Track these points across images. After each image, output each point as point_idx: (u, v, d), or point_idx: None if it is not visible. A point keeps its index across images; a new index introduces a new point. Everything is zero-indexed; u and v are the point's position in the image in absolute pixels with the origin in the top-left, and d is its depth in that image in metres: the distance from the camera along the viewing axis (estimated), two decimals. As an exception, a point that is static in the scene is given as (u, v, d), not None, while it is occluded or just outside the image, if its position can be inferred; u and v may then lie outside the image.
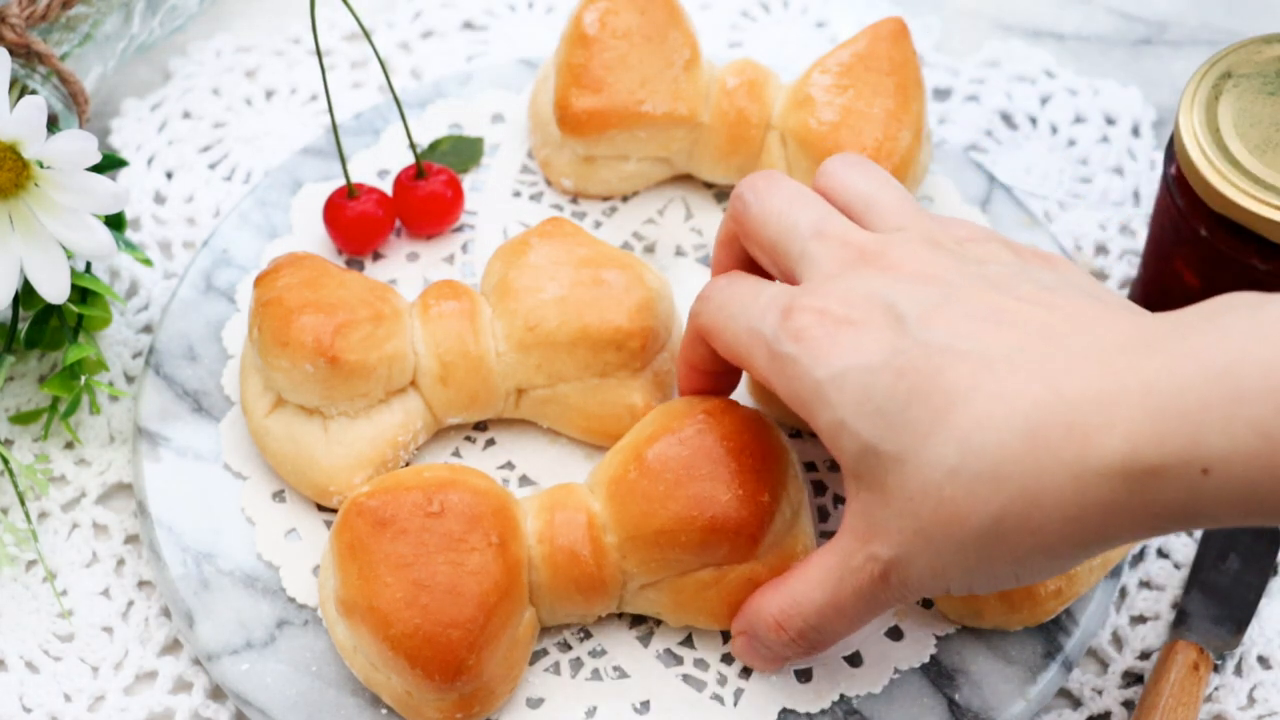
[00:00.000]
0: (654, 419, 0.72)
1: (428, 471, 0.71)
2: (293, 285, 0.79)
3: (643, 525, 0.68)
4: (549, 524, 0.70)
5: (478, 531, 0.68)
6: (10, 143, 0.76)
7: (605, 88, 0.87)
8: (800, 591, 0.67)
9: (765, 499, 0.69)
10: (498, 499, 0.69)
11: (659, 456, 0.69)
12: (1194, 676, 0.76)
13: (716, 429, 0.70)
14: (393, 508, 0.68)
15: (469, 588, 0.67)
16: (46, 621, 0.80)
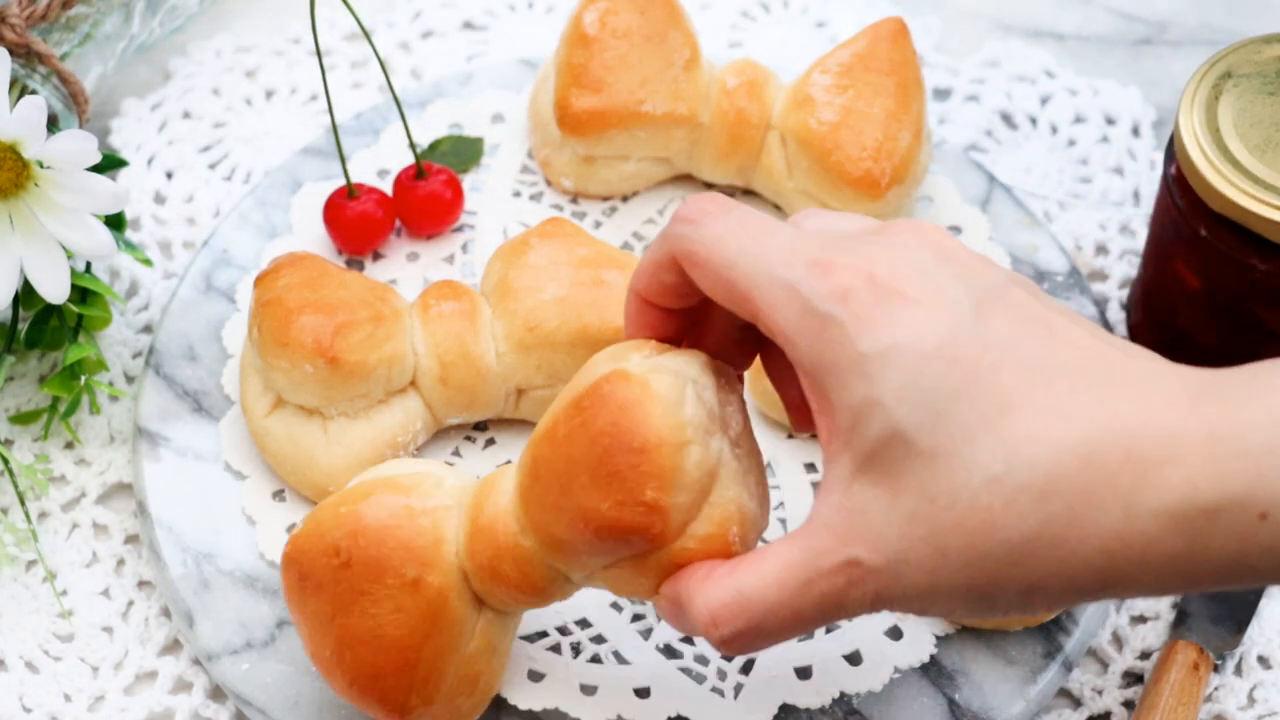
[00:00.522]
0: (576, 379, 0.64)
1: (344, 505, 0.67)
2: (293, 285, 0.79)
3: (547, 531, 0.63)
4: (469, 537, 0.66)
5: (386, 576, 0.65)
6: (10, 143, 0.76)
7: (605, 88, 0.87)
8: (750, 587, 0.59)
9: (649, 497, 0.60)
10: (405, 531, 0.65)
11: (543, 462, 0.62)
12: (1194, 676, 0.76)
13: (600, 417, 0.61)
14: (307, 562, 0.66)
15: (389, 635, 0.65)
16: (46, 621, 0.80)
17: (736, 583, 0.59)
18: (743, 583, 0.59)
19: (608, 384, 0.60)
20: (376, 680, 0.65)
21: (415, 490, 0.66)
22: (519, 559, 0.64)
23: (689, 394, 0.60)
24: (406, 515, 0.65)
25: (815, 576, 0.57)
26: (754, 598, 0.58)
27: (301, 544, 0.66)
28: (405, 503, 0.65)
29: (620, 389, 0.60)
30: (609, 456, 0.60)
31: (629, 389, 0.60)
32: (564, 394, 0.62)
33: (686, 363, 0.62)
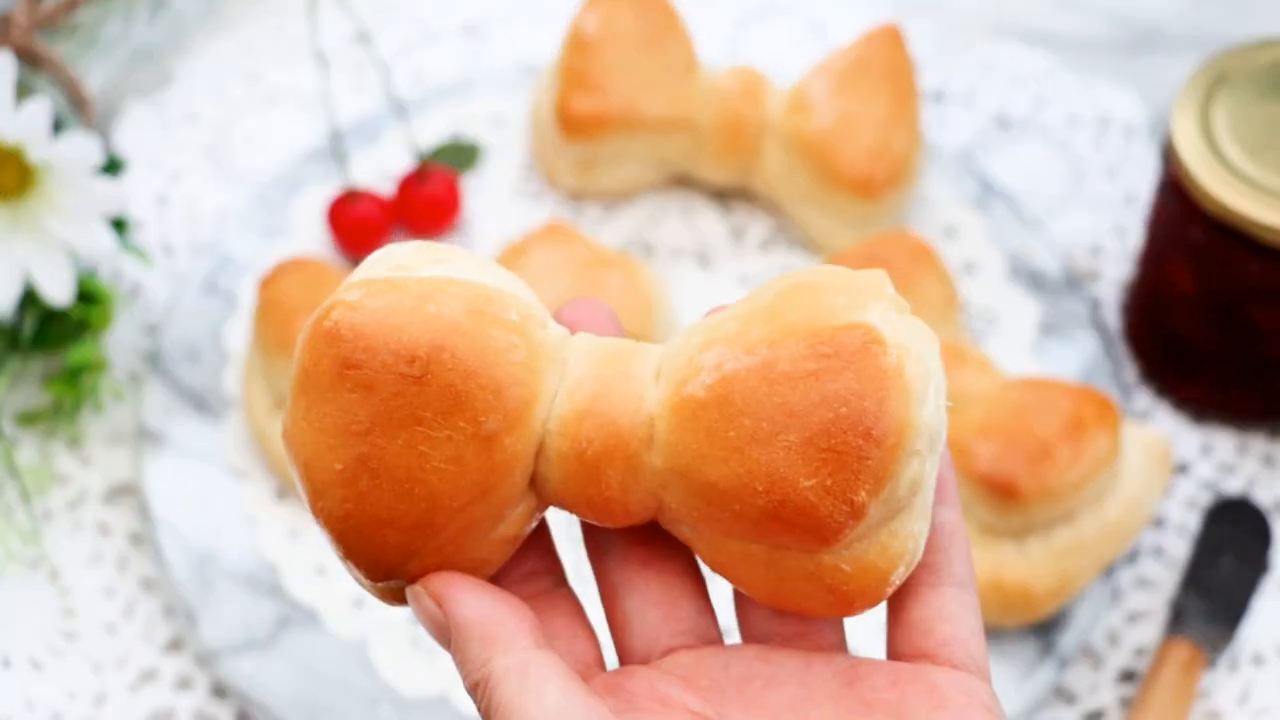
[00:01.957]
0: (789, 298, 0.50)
1: (433, 304, 0.50)
2: (295, 288, 0.80)
3: (693, 469, 0.49)
4: (581, 413, 0.50)
5: (460, 416, 0.49)
6: (15, 145, 0.77)
7: (604, 91, 0.87)
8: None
9: (860, 498, 0.49)
10: (502, 372, 0.49)
11: (746, 388, 0.48)
12: (1188, 674, 0.77)
13: (843, 377, 0.48)
14: (365, 352, 0.49)
15: (427, 484, 0.50)
16: (50, 620, 0.80)
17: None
18: None
19: (860, 339, 0.48)
20: (383, 527, 0.51)
21: (521, 326, 0.50)
22: (632, 471, 0.49)
23: (930, 393, 0.49)
24: (507, 353, 0.50)
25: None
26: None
27: (363, 327, 0.49)
28: (508, 338, 0.50)
29: (876, 355, 0.48)
30: (838, 429, 0.48)
31: (885, 359, 0.48)
32: (777, 309, 0.49)
33: (930, 345, 0.50)
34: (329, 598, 0.80)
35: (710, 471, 0.49)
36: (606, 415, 0.49)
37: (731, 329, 0.49)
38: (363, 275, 0.50)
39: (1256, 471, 0.85)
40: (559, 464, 0.50)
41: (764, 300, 0.49)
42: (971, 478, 0.76)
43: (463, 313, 0.49)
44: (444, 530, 0.50)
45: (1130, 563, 0.82)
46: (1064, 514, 0.77)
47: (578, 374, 0.50)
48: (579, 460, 0.49)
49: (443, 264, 0.50)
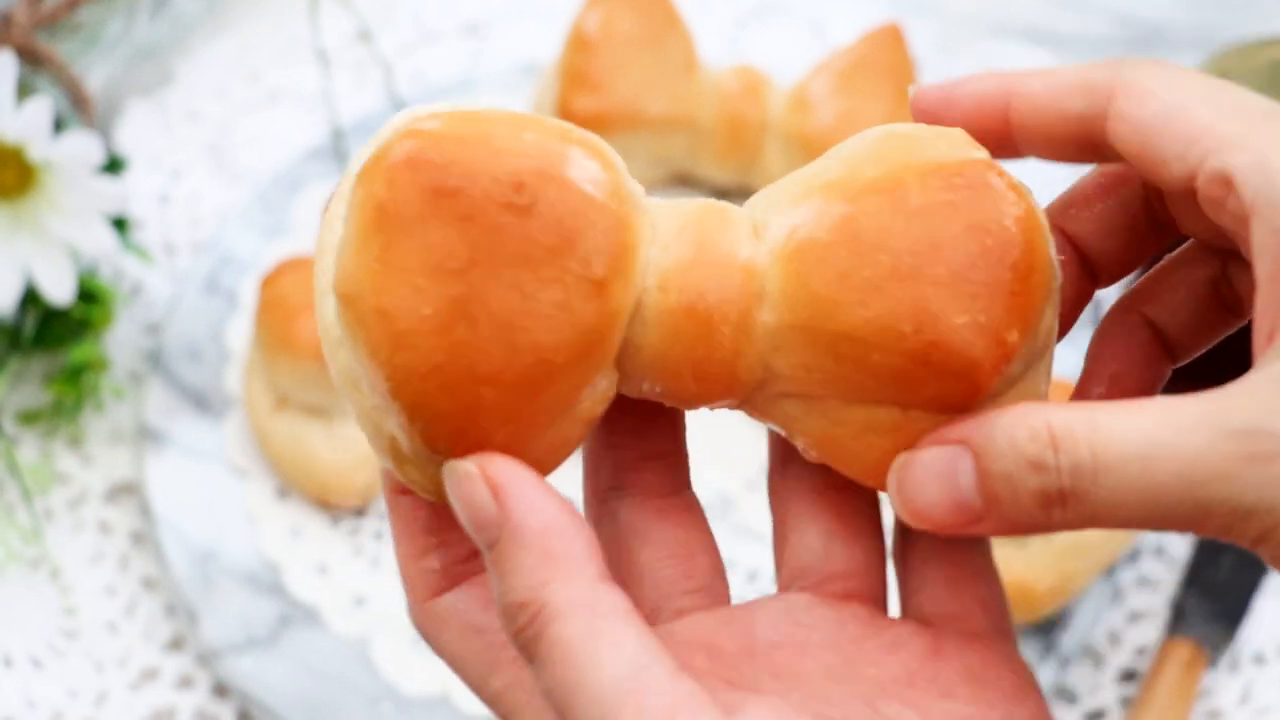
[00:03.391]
0: (892, 142, 0.45)
1: (531, 132, 0.43)
2: (296, 287, 0.80)
3: (822, 318, 0.43)
4: (686, 265, 0.44)
5: (574, 253, 0.42)
6: (16, 144, 0.77)
7: (605, 90, 0.87)
8: (1115, 424, 0.40)
9: (1012, 337, 0.44)
10: (619, 208, 0.43)
11: (878, 223, 0.43)
12: (1189, 673, 0.77)
13: (983, 206, 0.43)
14: (463, 177, 0.42)
15: (533, 332, 0.42)
16: (51, 618, 0.80)
17: (1089, 413, 0.41)
18: (1100, 416, 0.41)
19: (988, 172, 0.43)
20: (480, 383, 0.42)
21: (611, 164, 0.44)
22: (745, 330, 0.43)
23: (1050, 234, 0.45)
24: (613, 193, 0.43)
25: (1220, 441, 0.40)
26: (1115, 433, 0.40)
27: (457, 151, 0.42)
28: (611, 179, 0.43)
29: (1006, 189, 0.43)
30: (986, 262, 0.43)
31: (1021, 198, 0.44)
32: (882, 153, 0.45)
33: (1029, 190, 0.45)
34: (330, 597, 0.80)
35: (845, 318, 0.43)
36: (716, 264, 0.43)
37: (834, 176, 0.45)
38: (403, 122, 0.43)
39: (1257, 471, 0.85)
40: (662, 323, 0.44)
41: (863, 148, 0.45)
42: (972, 477, 0.76)
43: (561, 143, 0.43)
44: (544, 392, 0.43)
45: (1131, 562, 0.82)
46: (1065, 513, 0.77)
47: (671, 225, 0.44)
48: (689, 315, 0.43)
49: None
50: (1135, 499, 0.39)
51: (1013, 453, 0.40)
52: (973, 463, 0.41)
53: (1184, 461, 0.39)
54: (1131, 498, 0.39)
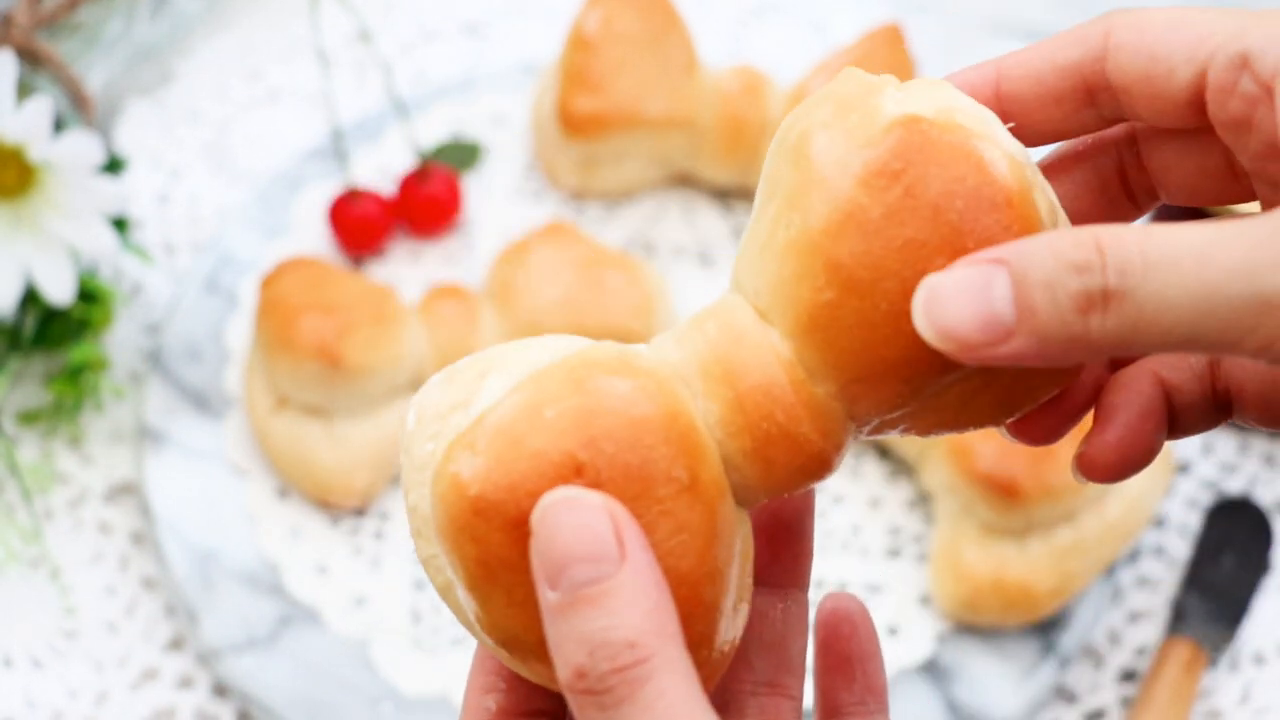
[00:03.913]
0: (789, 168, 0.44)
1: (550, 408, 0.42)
2: (296, 287, 0.80)
3: (870, 360, 0.44)
4: (735, 403, 0.44)
5: (656, 486, 0.43)
6: (16, 144, 0.77)
7: (606, 90, 0.87)
8: (1168, 229, 0.39)
9: None
10: (659, 419, 0.43)
11: (854, 264, 0.43)
12: (1189, 673, 0.77)
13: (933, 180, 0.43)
14: (523, 498, 0.42)
15: (677, 569, 0.43)
16: (51, 618, 0.80)
17: (1145, 230, 0.39)
18: (1149, 226, 0.39)
19: (919, 131, 0.43)
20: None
21: (630, 364, 0.44)
22: (819, 415, 0.44)
23: (994, 126, 0.44)
24: (648, 397, 0.43)
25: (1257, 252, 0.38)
26: (1170, 233, 0.39)
27: (503, 478, 0.42)
28: (637, 383, 0.43)
29: (932, 133, 0.43)
30: (969, 223, 0.43)
31: (941, 130, 0.43)
32: (797, 181, 0.44)
33: (945, 91, 0.45)
34: (330, 597, 0.80)
35: (886, 350, 0.43)
36: (756, 386, 0.44)
37: (795, 231, 0.43)
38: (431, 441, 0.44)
39: (1257, 471, 0.85)
40: (751, 461, 0.44)
41: (791, 173, 0.44)
42: (973, 477, 0.76)
43: (575, 392, 0.43)
44: (716, 599, 0.44)
45: (1131, 562, 0.82)
46: (1065, 513, 0.77)
47: (695, 365, 0.45)
48: (769, 444, 0.44)
49: (488, 375, 0.44)
50: (1188, 297, 0.37)
51: (1054, 260, 0.38)
52: (1009, 277, 0.39)
53: (1245, 248, 0.37)
54: (1184, 296, 0.37)
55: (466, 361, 0.45)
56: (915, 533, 0.81)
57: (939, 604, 0.78)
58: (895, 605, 0.79)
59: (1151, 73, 0.43)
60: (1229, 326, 0.37)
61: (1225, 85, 0.41)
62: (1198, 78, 0.42)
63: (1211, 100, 0.42)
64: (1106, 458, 0.44)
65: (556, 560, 0.39)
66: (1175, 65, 0.42)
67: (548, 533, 0.40)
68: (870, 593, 0.80)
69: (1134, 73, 0.43)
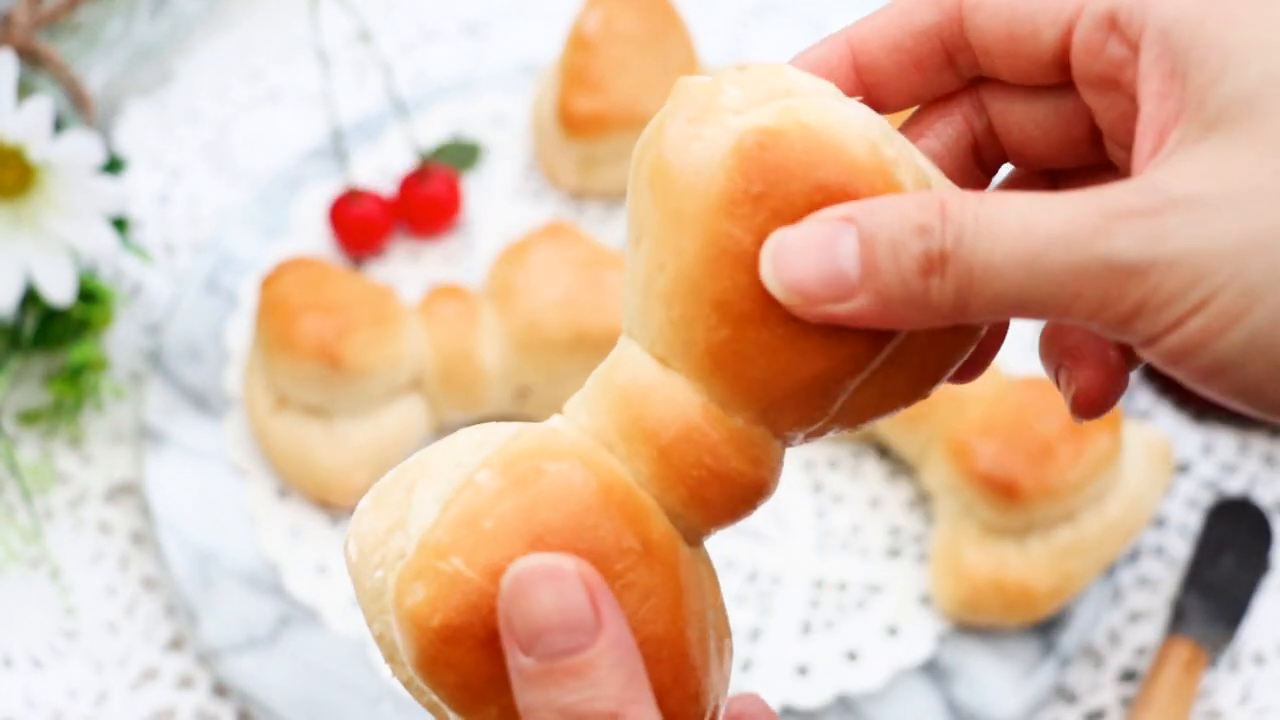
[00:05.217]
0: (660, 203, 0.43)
1: (488, 519, 0.42)
2: (296, 288, 0.80)
3: (780, 383, 0.43)
4: (664, 461, 0.44)
5: (610, 561, 0.43)
6: (16, 145, 0.77)
7: (606, 90, 0.87)
8: (1003, 196, 0.39)
9: None
10: (597, 485, 0.43)
11: (744, 291, 0.42)
12: (1189, 673, 0.77)
13: (773, 182, 0.42)
14: (489, 614, 0.42)
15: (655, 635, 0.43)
16: (51, 619, 0.80)
17: (990, 196, 0.39)
18: (990, 193, 0.39)
19: (767, 147, 0.42)
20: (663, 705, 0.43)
21: (552, 448, 0.43)
22: (744, 446, 0.44)
23: (847, 112, 0.43)
24: (580, 478, 0.43)
25: (1095, 196, 0.38)
26: (1002, 200, 0.39)
27: (461, 600, 0.42)
28: (565, 467, 0.43)
29: (793, 142, 0.42)
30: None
31: (801, 137, 0.42)
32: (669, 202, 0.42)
33: (770, 74, 0.43)
34: (330, 597, 0.80)
35: (797, 373, 0.43)
36: (677, 437, 0.44)
37: (668, 277, 0.43)
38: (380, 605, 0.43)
39: (1257, 471, 0.85)
40: (690, 506, 0.44)
41: (646, 221, 0.43)
42: (973, 477, 0.76)
43: (507, 493, 0.42)
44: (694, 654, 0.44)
45: (1131, 562, 0.82)
46: (1065, 513, 0.77)
47: (621, 435, 0.44)
48: (702, 487, 0.44)
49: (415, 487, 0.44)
50: (1014, 263, 0.38)
51: (899, 221, 0.39)
52: (857, 235, 0.39)
53: (1065, 218, 0.38)
54: (1009, 262, 0.38)
55: (392, 476, 0.44)
56: (915, 533, 0.81)
57: (939, 604, 0.78)
58: (895, 605, 0.79)
59: (1015, 32, 0.42)
60: (1053, 294, 0.38)
61: (1092, 45, 0.41)
62: (1063, 37, 0.42)
63: (1076, 60, 0.42)
64: (1096, 394, 0.44)
65: (532, 627, 0.39)
66: (1040, 25, 0.42)
67: (523, 601, 0.39)
68: (870, 593, 0.80)
69: (995, 32, 0.43)
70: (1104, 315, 0.38)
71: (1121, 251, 0.37)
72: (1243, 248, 0.37)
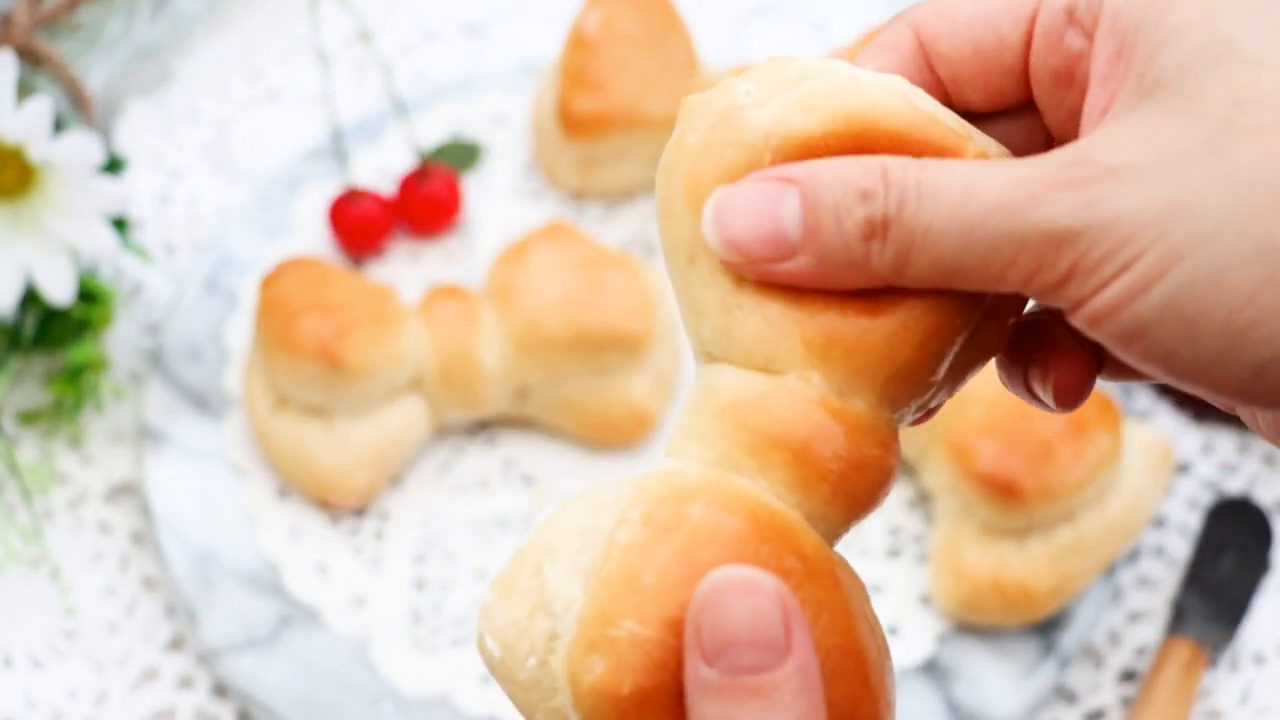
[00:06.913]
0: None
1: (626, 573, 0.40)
2: (296, 287, 0.80)
3: (898, 355, 0.42)
4: (800, 463, 0.43)
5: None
6: (16, 145, 0.77)
7: (606, 90, 0.87)
8: (945, 163, 0.40)
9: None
10: (744, 513, 0.41)
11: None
12: (1189, 673, 0.77)
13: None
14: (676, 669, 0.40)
15: (841, 650, 0.42)
16: (51, 619, 0.80)
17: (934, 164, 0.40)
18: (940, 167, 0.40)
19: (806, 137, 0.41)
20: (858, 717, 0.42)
21: (682, 489, 0.42)
22: (871, 430, 0.43)
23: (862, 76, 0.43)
24: (725, 511, 0.41)
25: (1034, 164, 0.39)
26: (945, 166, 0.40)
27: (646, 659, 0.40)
28: (706, 505, 0.41)
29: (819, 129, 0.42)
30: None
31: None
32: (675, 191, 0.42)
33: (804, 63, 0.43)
34: (330, 597, 0.80)
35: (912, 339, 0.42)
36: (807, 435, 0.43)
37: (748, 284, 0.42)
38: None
39: (1257, 471, 0.85)
40: (835, 506, 0.43)
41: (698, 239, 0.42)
42: (973, 477, 0.76)
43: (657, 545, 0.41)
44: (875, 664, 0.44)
45: (1131, 562, 0.82)
46: (1065, 513, 0.77)
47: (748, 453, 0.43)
48: (844, 480, 0.43)
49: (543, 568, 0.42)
50: (953, 229, 0.39)
51: (842, 185, 0.39)
52: (799, 197, 0.40)
53: (1004, 185, 0.38)
54: (949, 228, 0.39)
55: (510, 565, 0.43)
56: (915, 533, 0.81)
57: (939, 604, 0.78)
58: (895, 605, 0.79)
59: (981, 44, 0.43)
60: (989, 260, 0.38)
61: (1051, 38, 0.42)
62: (1026, 36, 0.42)
63: (1036, 56, 0.42)
64: (1075, 378, 0.44)
65: (721, 639, 0.38)
66: (1003, 29, 0.42)
67: (716, 609, 0.38)
68: (870, 592, 0.80)
69: (961, 51, 0.43)
70: (1037, 281, 0.38)
71: (1055, 219, 0.38)
72: (1167, 212, 0.37)
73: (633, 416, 0.81)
